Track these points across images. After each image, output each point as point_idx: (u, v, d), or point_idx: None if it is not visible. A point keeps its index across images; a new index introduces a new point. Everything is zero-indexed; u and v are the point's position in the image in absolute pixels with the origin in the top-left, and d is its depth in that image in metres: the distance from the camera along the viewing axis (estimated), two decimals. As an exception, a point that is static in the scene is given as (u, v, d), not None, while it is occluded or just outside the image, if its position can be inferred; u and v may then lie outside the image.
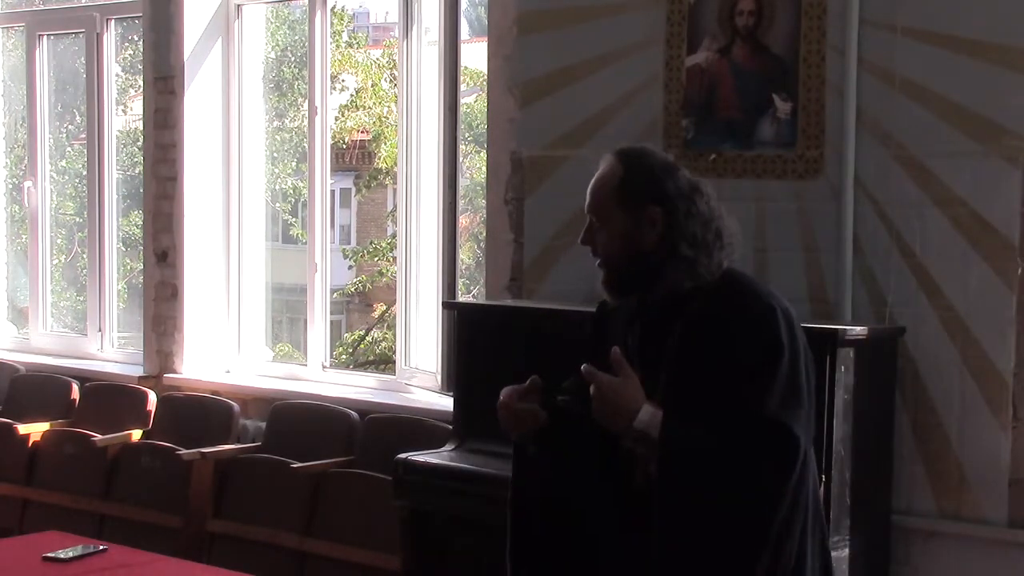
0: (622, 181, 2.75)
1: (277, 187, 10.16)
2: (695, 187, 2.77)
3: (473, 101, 9.69)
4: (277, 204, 10.43)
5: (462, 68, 5.64)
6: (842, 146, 4.27)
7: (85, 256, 7.18)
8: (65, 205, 8.33)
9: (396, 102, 6.97)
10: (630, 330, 2.81)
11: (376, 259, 11.14)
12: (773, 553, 2.57)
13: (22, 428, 6.26)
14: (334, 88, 9.94)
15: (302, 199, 9.37)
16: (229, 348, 6.43)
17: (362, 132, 11.21)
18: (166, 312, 6.38)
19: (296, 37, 10.50)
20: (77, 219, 8.14)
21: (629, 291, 2.79)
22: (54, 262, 7.69)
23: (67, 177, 8.26)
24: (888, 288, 4.21)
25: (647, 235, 2.73)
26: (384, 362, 10.54)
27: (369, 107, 10.87)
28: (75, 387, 6.49)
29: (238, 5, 6.36)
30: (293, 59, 10.49)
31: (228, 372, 6.40)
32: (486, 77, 5.19)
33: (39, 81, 7.18)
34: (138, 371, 6.49)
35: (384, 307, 11.77)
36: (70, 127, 8.19)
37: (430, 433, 5.04)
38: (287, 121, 10.47)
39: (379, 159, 10.82)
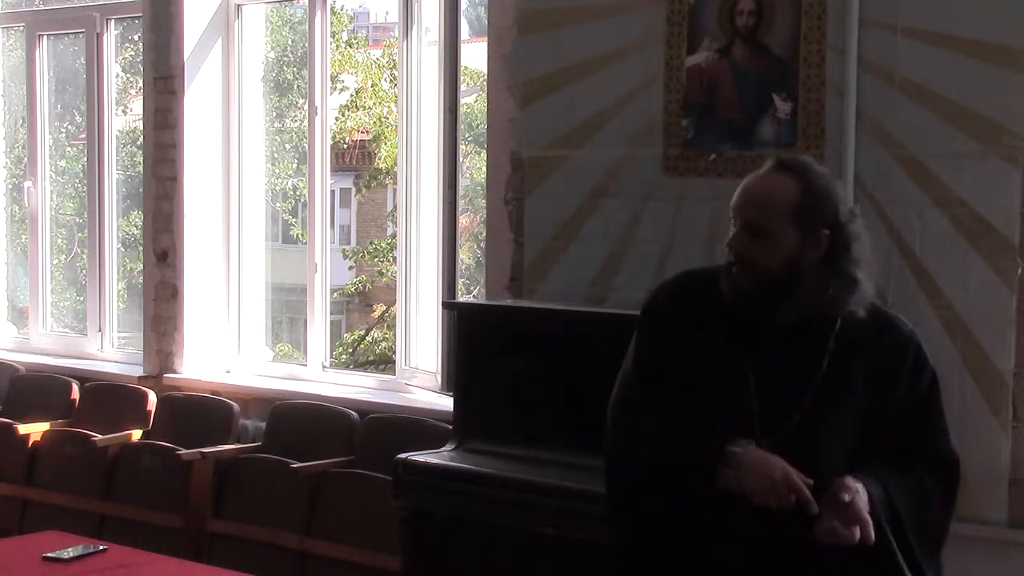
0: (801, 201, 2.73)
1: (277, 187, 10.16)
2: (851, 209, 2.82)
3: (473, 101, 9.69)
4: (277, 204, 10.44)
5: (462, 68, 5.63)
6: (842, 146, 4.26)
7: (85, 256, 7.18)
8: (65, 205, 8.34)
9: (396, 102, 6.97)
10: (738, 336, 2.79)
11: (376, 259, 11.14)
12: None
13: (22, 428, 6.25)
14: (334, 88, 9.94)
15: (302, 199, 9.38)
16: (229, 348, 6.43)
17: (362, 132, 11.21)
18: (166, 312, 6.38)
19: (296, 37, 10.50)
20: (77, 219, 8.14)
21: (771, 303, 2.77)
22: (54, 262, 7.69)
23: (67, 177, 8.26)
24: (888, 288, 4.20)
25: (809, 255, 2.74)
26: (384, 362, 10.55)
27: (369, 107, 10.87)
28: (75, 387, 6.48)
29: (238, 5, 6.36)
30: (293, 59, 10.49)
31: (228, 372, 6.40)
32: (486, 77, 5.18)
33: (39, 81, 7.17)
34: (138, 371, 6.49)
35: (384, 307, 11.77)
36: (70, 127, 8.19)
37: (430, 433, 5.04)
38: (287, 121, 10.47)
39: (379, 159, 10.82)
